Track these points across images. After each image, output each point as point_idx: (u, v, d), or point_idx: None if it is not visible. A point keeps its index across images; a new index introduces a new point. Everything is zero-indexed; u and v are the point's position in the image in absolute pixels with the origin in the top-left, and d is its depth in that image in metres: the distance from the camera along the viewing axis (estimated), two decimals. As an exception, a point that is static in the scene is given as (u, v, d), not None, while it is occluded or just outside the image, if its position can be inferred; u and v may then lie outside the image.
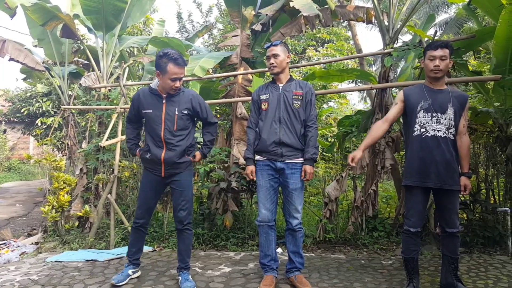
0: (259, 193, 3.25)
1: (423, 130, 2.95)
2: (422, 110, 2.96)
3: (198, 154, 3.40)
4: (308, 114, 3.21)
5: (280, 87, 3.25)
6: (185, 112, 3.21)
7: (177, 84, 3.15)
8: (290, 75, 3.37)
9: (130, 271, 3.37)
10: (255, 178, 3.27)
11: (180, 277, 3.32)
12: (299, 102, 3.19)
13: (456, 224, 2.95)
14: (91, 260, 4.02)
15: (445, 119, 2.92)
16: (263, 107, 3.25)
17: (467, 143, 3.02)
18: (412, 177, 2.98)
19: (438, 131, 2.91)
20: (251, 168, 3.27)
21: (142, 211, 3.35)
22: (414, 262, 3.03)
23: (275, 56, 3.20)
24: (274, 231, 3.29)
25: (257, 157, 3.27)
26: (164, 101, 3.20)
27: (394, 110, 3.12)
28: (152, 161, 3.23)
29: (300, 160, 3.18)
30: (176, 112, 3.18)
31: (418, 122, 2.97)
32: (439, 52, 2.91)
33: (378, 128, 3.14)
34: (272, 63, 3.21)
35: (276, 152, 3.15)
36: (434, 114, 2.93)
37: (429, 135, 2.92)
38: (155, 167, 3.23)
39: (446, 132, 2.92)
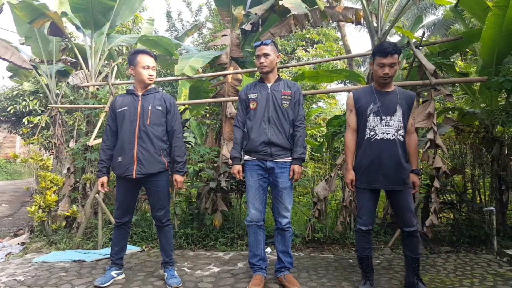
0: (249, 193, 3.25)
1: (372, 133, 2.98)
2: (372, 114, 3.00)
3: (177, 177, 3.32)
4: (296, 114, 3.21)
5: (269, 87, 3.24)
6: (159, 108, 3.29)
7: (151, 72, 3.26)
8: (278, 74, 3.37)
9: (113, 273, 3.34)
10: (242, 178, 3.27)
11: (166, 274, 3.32)
12: (287, 102, 3.19)
13: (413, 223, 2.97)
14: (79, 260, 3.98)
15: (395, 121, 2.95)
16: (251, 106, 3.24)
17: (415, 142, 3.08)
18: (363, 180, 3.02)
19: (387, 133, 2.94)
20: (237, 167, 3.25)
21: (121, 211, 3.34)
22: (368, 260, 3.09)
23: (266, 55, 3.19)
24: (263, 231, 3.29)
25: (246, 157, 3.27)
26: (139, 98, 3.29)
27: (353, 117, 3.12)
28: (123, 164, 3.19)
29: (289, 159, 3.19)
30: (150, 107, 3.26)
31: (368, 126, 3.01)
32: (388, 60, 2.91)
33: (352, 141, 3.12)
34: (262, 63, 3.20)
35: (266, 151, 3.15)
36: (383, 117, 2.96)
37: (378, 138, 2.96)
38: (127, 169, 3.17)
39: (396, 134, 2.95)
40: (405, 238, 3.04)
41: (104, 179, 3.33)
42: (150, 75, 3.27)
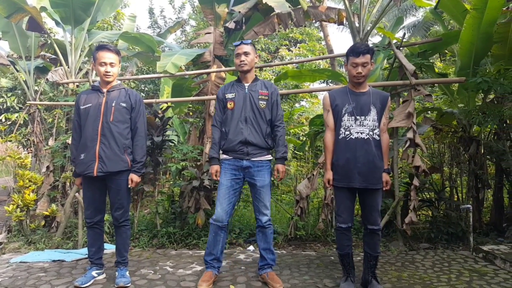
0: (219, 191, 3.26)
1: (347, 133, 3.04)
2: (347, 114, 3.06)
3: (133, 177, 3.20)
4: (275, 114, 3.27)
5: (246, 87, 3.28)
6: (123, 105, 3.21)
7: (107, 69, 3.16)
8: (256, 75, 3.41)
9: (94, 273, 3.29)
10: (219, 178, 3.28)
11: (116, 273, 3.29)
12: (264, 102, 3.23)
13: (377, 221, 3.06)
14: (58, 260, 3.92)
15: (369, 121, 3.02)
16: (229, 106, 3.26)
17: (386, 141, 3.14)
18: (339, 179, 3.07)
19: (361, 133, 3.01)
20: (216, 167, 3.27)
21: (91, 211, 3.27)
22: (349, 257, 3.15)
23: (246, 54, 3.23)
24: (225, 233, 3.30)
25: (223, 156, 3.29)
26: (104, 95, 3.22)
27: (331, 117, 3.16)
28: (84, 162, 3.12)
29: (266, 157, 3.24)
30: (113, 104, 3.18)
31: (343, 125, 3.06)
32: (361, 59, 2.97)
33: (332, 140, 3.15)
34: (243, 61, 3.23)
35: (242, 151, 3.18)
36: (357, 117, 3.02)
37: (353, 137, 3.02)
38: (88, 167, 3.10)
39: (370, 133, 3.01)
40: (367, 235, 3.11)
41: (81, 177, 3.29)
42: (107, 72, 3.16)
